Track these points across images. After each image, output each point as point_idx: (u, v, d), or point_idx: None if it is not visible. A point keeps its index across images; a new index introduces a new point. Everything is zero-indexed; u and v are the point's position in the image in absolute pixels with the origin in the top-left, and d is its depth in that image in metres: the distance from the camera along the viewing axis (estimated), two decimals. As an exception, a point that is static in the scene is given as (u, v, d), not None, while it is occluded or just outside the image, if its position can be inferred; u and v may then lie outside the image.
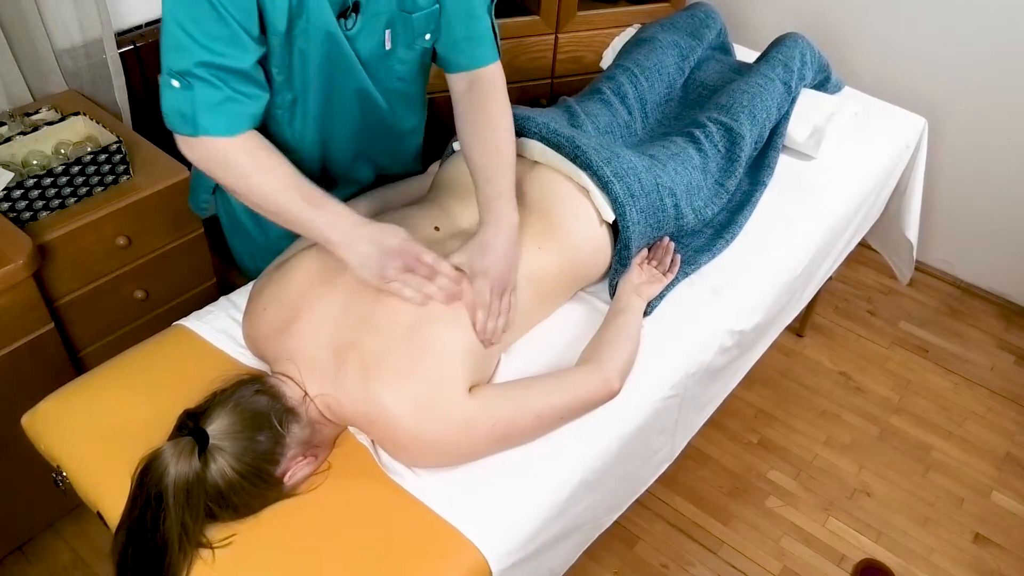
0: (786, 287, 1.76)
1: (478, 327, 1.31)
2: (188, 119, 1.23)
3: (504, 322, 1.35)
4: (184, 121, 1.23)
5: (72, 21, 1.92)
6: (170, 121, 1.25)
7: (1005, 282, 2.81)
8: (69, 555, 1.94)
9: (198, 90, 1.21)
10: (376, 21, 1.38)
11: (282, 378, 1.25)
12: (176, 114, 1.24)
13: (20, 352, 1.64)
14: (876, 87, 2.38)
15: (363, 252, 1.25)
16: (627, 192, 1.52)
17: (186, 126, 1.24)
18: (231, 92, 1.24)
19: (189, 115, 1.22)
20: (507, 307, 1.36)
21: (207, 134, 1.24)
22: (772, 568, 2.03)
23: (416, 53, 1.49)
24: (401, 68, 1.49)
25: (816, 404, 2.45)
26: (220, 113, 1.23)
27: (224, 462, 1.10)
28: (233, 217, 1.69)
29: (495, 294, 1.33)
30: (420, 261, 1.27)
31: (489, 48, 1.48)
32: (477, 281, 1.31)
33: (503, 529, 1.21)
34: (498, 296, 1.33)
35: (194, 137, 1.24)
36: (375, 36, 1.40)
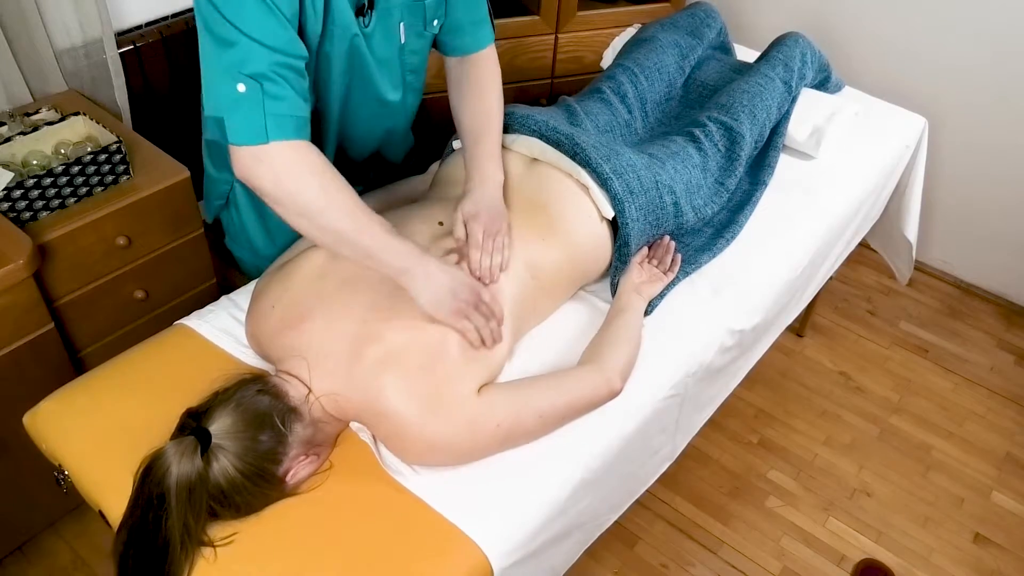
0: (786, 287, 1.76)
1: (472, 265, 1.36)
2: (257, 126, 1.17)
3: (499, 260, 1.39)
4: (253, 129, 1.17)
5: (72, 21, 1.92)
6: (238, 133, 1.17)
7: (1005, 282, 2.81)
8: (69, 555, 1.94)
9: (268, 90, 1.16)
10: (389, 15, 1.39)
11: (286, 377, 1.25)
12: (244, 122, 1.17)
13: (20, 352, 1.63)
14: (876, 87, 2.38)
15: (441, 284, 1.26)
16: (626, 189, 1.52)
17: (255, 134, 1.17)
18: (294, 94, 1.19)
19: (258, 121, 1.16)
20: (500, 246, 1.40)
21: (278, 139, 1.18)
22: (772, 568, 2.03)
23: (426, 41, 1.52)
24: (413, 59, 1.52)
25: (816, 404, 2.45)
26: (289, 117, 1.19)
27: (226, 462, 1.11)
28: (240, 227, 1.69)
29: (487, 235, 1.38)
30: (481, 299, 1.30)
31: (487, 31, 1.54)
32: (470, 224, 1.38)
33: (504, 528, 1.21)
34: (491, 236, 1.39)
35: (264, 146, 1.17)
36: (390, 31, 1.42)
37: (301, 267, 1.36)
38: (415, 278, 1.25)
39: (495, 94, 1.54)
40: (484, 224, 1.38)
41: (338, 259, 1.36)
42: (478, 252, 1.36)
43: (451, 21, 1.49)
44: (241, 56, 1.15)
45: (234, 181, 1.63)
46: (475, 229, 1.38)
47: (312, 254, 1.38)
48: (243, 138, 1.18)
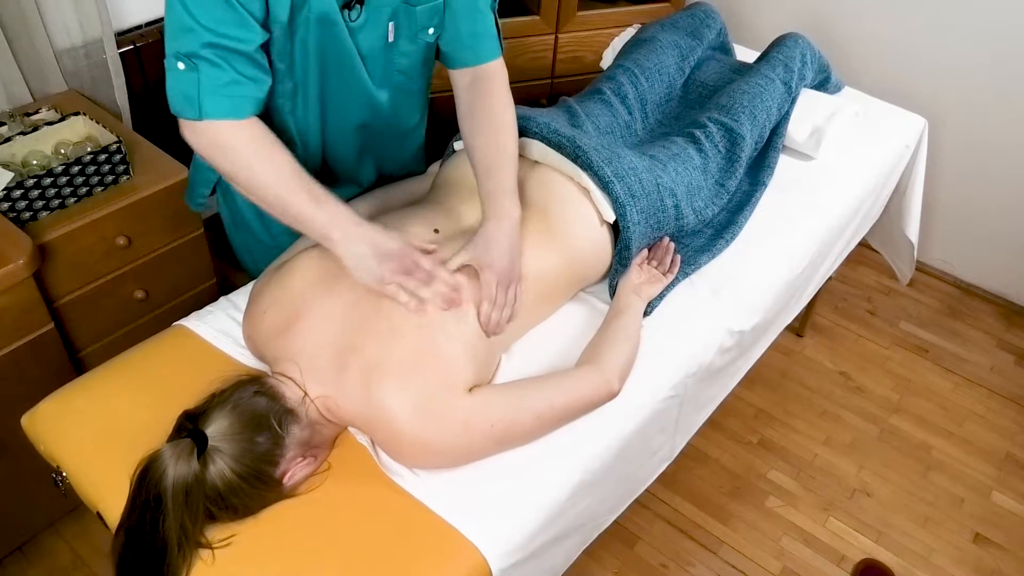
0: (786, 287, 1.76)
1: (483, 319, 1.32)
2: (193, 102, 1.22)
3: (509, 314, 1.36)
4: (189, 104, 1.23)
5: (72, 21, 1.92)
6: (175, 105, 1.25)
7: (1005, 282, 2.81)
8: (69, 555, 1.94)
9: (203, 72, 1.21)
10: (379, 13, 1.38)
11: (282, 379, 1.25)
12: (181, 97, 1.23)
13: (20, 352, 1.63)
14: (876, 87, 2.38)
15: (361, 253, 1.25)
16: (628, 192, 1.52)
17: (191, 109, 1.23)
18: (236, 75, 1.23)
19: (194, 97, 1.22)
20: (512, 299, 1.37)
21: (211, 117, 1.23)
22: (772, 568, 2.03)
23: (419, 47, 1.49)
24: (403, 61, 1.49)
25: (816, 404, 2.45)
26: (225, 95, 1.23)
27: (223, 464, 1.11)
28: (236, 214, 1.69)
29: (501, 287, 1.34)
30: (418, 266, 1.27)
31: (492, 44, 1.49)
32: (483, 274, 1.33)
33: (503, 529, 1.21)
34: (504, 289, 1.35)
35: (199, 121, 1.23)
36: (378, 28, 1.40)
37: (295, 270, 1.36)
38: (337, 244, 1.26)
39: (507, 120, 1.48)
40: (498, 273, 1.33)
41: (331, 260, 1.33)
42: (489, 306, 1.33)
43: (453, 33, 1.46)
44: (182, 35, 1.20)
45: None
46: (489, 281, 1.33)
47: (308, 255, 1.37)
48: (179, 111, 1.25)
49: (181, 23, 1.20)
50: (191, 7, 1.18)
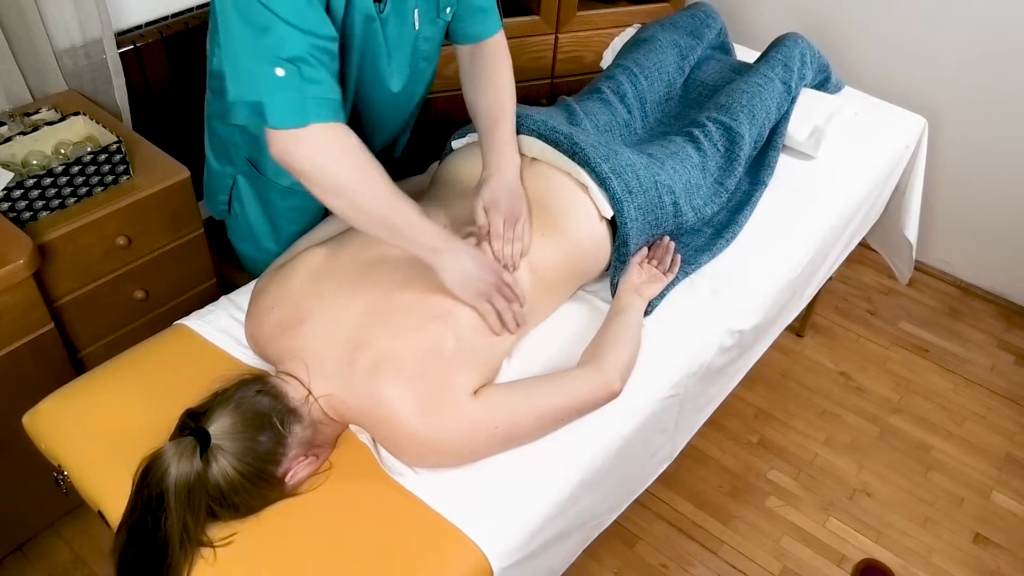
0: (786, 287, 1.76)
1: (496, 254, 1.40)
2: (298, 109, 1.18)
3: (519, 248, 1.43)
4: (293, 112, 1.18)
5: (72, 21, 1.92)
6: (277, 117, 1.18)
7: (1005, 282, 2.81)
8: (69, 555, 1.94)
9: (307, 75, 1.17)
10: (405, 1, 1.40)
11: (285, 378, 1.25)
12: (285, 106, 1.18)
13: (20, 352, 1.63)
14: (876, 87, 2.38)
15: (466, 267, 1.29)
16: (625, 189, 1.52)
17: (295, 117, 1.18)
18: (328, 75, 1.21)
19: (298, 104, 1.18)
20: (520, 234, 1.43)
21: (318, 121, 1.19)
22: (772, 568, 2.03)
23: (439, 28, 1.53)
24: (426, 46, 1.53)
25: (816, 404, 2.45)
26: (326, 98, 1.20)
27: (225, 462, 1.11)
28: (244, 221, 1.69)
29: (508, 223, 1.41)
30: (504, 282, 1.34)
31: (495, 19, 1.56)
32: (490, 213, 1.41)
33: (504, 528, 1.21)
34: (511, 225, 1.42)
35: (303, 128, 1.19)
36: (405, 17, 1.43)
37: (300, 268, 1.36)
38: (444, 259, 1.28)
39: (507, 80, 1.57)
40: (504, 212, 1.42)
41: (337, 260, 1.36)
42: (499, 242, 1.41)
43: (463, 9, 1.51)
44: (278, 40, 1.16)
45: (237, 174, 1.63)
46: (495, 219, 1.41)
47: (311, 254, 1.38)
48: (284, 122, 1.19)
49: (272, 29, 1.15)
50: (280, 10, 1.15)
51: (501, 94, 1.55)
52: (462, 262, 1.29)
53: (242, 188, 1.65)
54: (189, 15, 2.17)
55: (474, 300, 1.31)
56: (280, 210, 1.64)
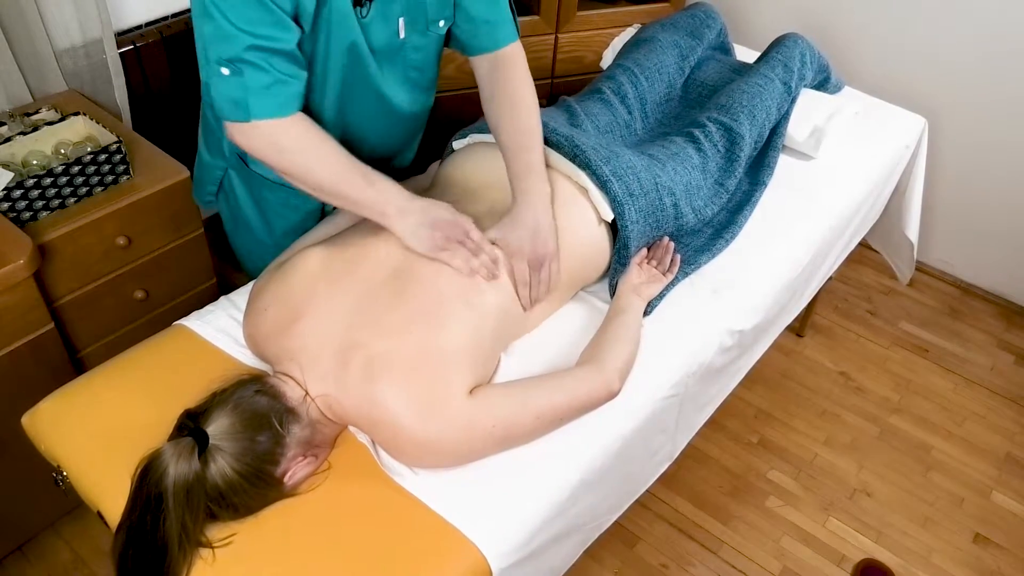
0: (786, 287, 1.76)
1: (522, 300, 1.42)
2: (240, 105, 1.25)
3: (545, 291, 1.44)
4: (237, 108, 1.26)
5: (72, 21, 1.92)
6: (222, 110, 1.27)
7: (1005, 282, 2.81)
8: (69, 555, 1.94)
9: (248, 75, 1.23)
10: (390, 8, 1.39)
11: (283, 378, 1.25)
12: (228, 102, 1.26)
13: (20, 352, 1.63)
14: (876, 87, 2.38)
15: (416, 223, 1.33)
16: (626, 191, 1.52)
17: (239, 112, 1.26)
18: (278, 74, 1.26)
19: (241, 101, 1.25)
20: (547, 277, 1.43)
21: (259, 117, 1.26)
22: (772, 568, 2.03)
23: (430, 40, 1.50)
24: (416, 56, 1.51)
25: (816, 404, 2.45)
26: (270, 95, 1.26)
27: (224, 462, 1.10)
28: (237, 214, 1.69)
29: (533, 268, 1.41)
30: (468, 236, 1.36)
31: (509, 28, 1.51)
32: (514, 259, 1.40)
33: (503, 529, 1.21)
34: (536, 269, 1.42)
35: (247, 123, 1.27)
36: (389, 24, 1.41)
37: (296, 267, 1.36)
38: (392, 219, 1.34)
39: (529, 100, 1.51)
40: (528, 256, 1.40)
41: (332, 259, 1.35)
42: (526, 290, 1.42)
43: (468, 21, 1.48)
44: (222, 39, 1.22)
45: (228, 167, 1.63)
46: (520, 266, 1.40)
47: (308, 254, 1.37)
48: (227, 115, 1.28)
49: (220, 30, 1.22)
50: (228, 13, 1.20)
51: (525, 117, 1.49)
52: (411, 218, 1.34)
53: (234, 181, 1.65)
54: (189, 15, 2.17)
55: (431, 252, 1.34)
56: (271, 204, 1.64)
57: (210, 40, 1.24)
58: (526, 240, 1.40)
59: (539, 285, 1.43)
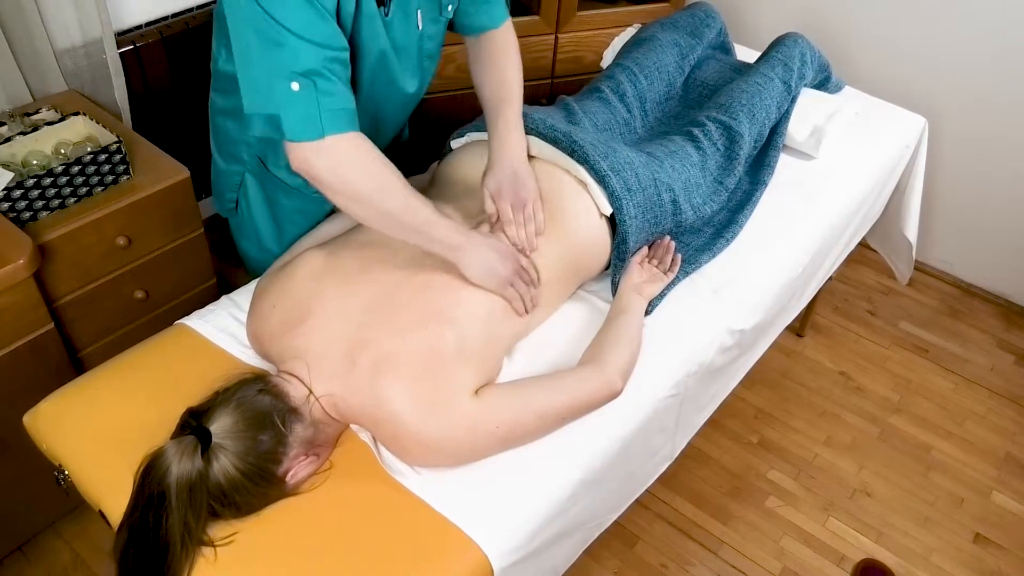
0: (786, 287, 1.76)
1: (511, 240, 1.44)
2: (315, 121, 1.20)
3: (532, 229, 1.46)
4: (310, 125, 1.20)
5: (72, 21, 1.92)
6: (294, 130, 1.20)
7: (1005, 282, 2.81)
8: (69, 555, 1.94)
9: (321, 88, 1.19)
10: (408, 3, 1.41)
11: (287, 377, 1.26)
12: (301, 120, 1.20)
13: (20, 352, 1.63)
14: (876, 87, 2.38)
15: (488, 258, 1.34)
16: (624, 186, 1.53)
17: (312, 130, 1.20)
18: (342, 85, 1.23)
19: (315, 116, 1.20)
20: (531, 215, 1.46)
21: (334, 132, 1.21)
22: (772, 568, 2.03)
23: (441, 26, 1.54)
24: (430, 45, 1.54)
25: (816, 404, 2.45)
26: (340, 109, 1.22)
27: (227, 461, 1.11)
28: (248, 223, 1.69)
29: (516, 207, 1.45)
30: (521, 267, 1.39)
31: (501, 9, 1.57)
32: (497, 202, 1.44)
33: (504, 528, 1.21)
34: (520, 208, 1.45)
35: (320, 140, 1.21)
36: (409, 19, 1.43)
37: (301, 268, 1.36)
38: (465, 253, 1.33)
39: (513, 64, 1.57)
40: (510, 198, 1.44)
41: (338, 259, 1.36)
42: (511, 227, 1.44)
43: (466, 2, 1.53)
44: (292, 55, 1.18)
45: (245, 172, 1.64)
46: (503, 207, 1.45)
47: (312, 254, 1.38)
48: (301, 135, 1.21)
49: (285, 44, 1.17)
50: (294, 27, 1.16)
51: (506, 77, 1.55)
52: (482, 254, 1.34)
53: (249, 186, 1.65)
54: (189, 15, 2.17)
55: (499, 289, 1.36)
56: (286, 211, 1.64)
57: (276, 59, 1.18)
58: (506, 185, 1.46)
59: (526, 224, 1.45)
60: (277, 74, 1.19)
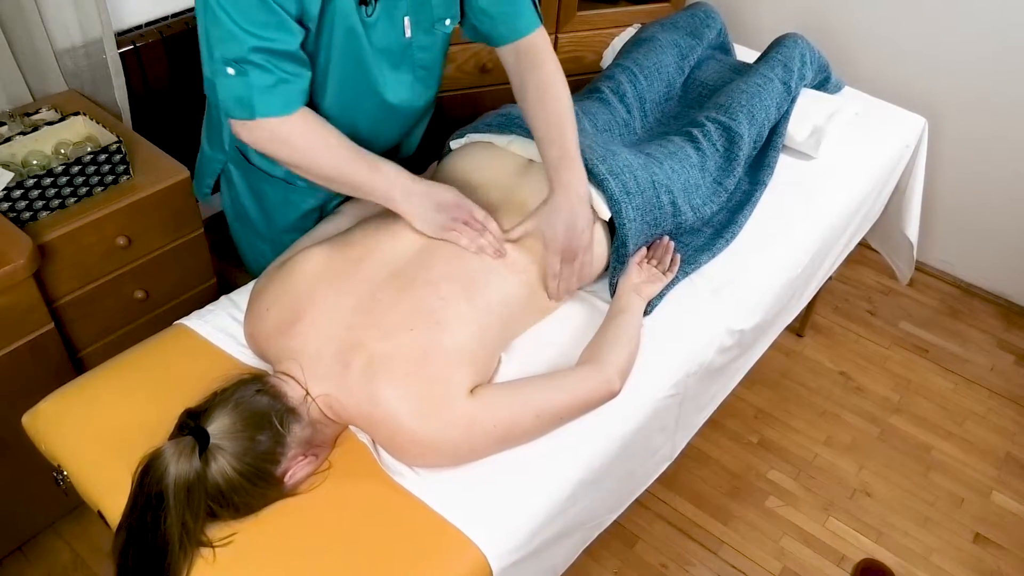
0: (786, 287, 1.76)
1: (551, 293, 1.47)
2: (245, 104, 1.27)
3: (576, 284, 1.48)
4: (241, 106, 1.28)
5: (72, 21, 1.92)
6: (228, 108, 1.30)
7: (1005, 282, 2.81)
8: (69, 555, 1.94)
9: (252, 75, 1.25)
10: (394, 7, 1.39)
11: (284, 377, 1.25)
12: (233, 100, 1.28)
13: (20, 352, 1.63)
14: (876, 87, 2.38)
15: (422, 204, 1.38)
16: (623, 189, 1.52)
17: (244, 111, 1.28)
18: (282, 74, 1.28)
19: (246, 100, 1.27)
20: (578, 269, 1.47)
21: (264, 116, 1.29)
22: (772, 568, 2.03)
23: (437, 39, 1.51)
24: (423, 56, 1.51)
25: (816, 404, 2.45)
26: (274, 95, 1.28)
27: (225, 461, 1.11)
28: (239, 207, 1.69)
29: (565, 261, 1.44)
30: (472, 216, 1.40)
31: (529, 17, 1.51)
32: (548, 250, 1.44)
33: (503, 528, 1.21)
34: (569, 262, 1.45)
35: (252, 120, 1.29)
36: (395, 24, 1.42)
37: (297, 267, 1.36)
38: (399, 203, 1.39)
39: (558, 89, 1.50)
40: (560, 249, 1.43)
41: (333, 259, 1.36)
42: (556, 282, 1.46)
43: (486, 14, 1.48)
44: (228, 39, 1.24)
45: (227, 161, 1.64)
46: (552, 260, 1.45)
47: (309, 254, 1.38)
48: (233, 113, 1.30)
49: (225, 31, 1.23)
50: (234, 15, 1.22)
51: (554, 107, 1.48)
52: (417, 202, 1.39)
53: (234, 175, 1.65)
54: (189, 15, 2.17)
55: (439, 233, 1.40)
56: (271, 200, 1.64)
57: (215, 40, 1.25)
58: (560, 232, 1.42)
59: (570, 277, 1.46)
60: (216, 55, 1.26)
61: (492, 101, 2.45)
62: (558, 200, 1.43)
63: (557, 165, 1.45)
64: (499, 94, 2.43)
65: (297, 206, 1.63)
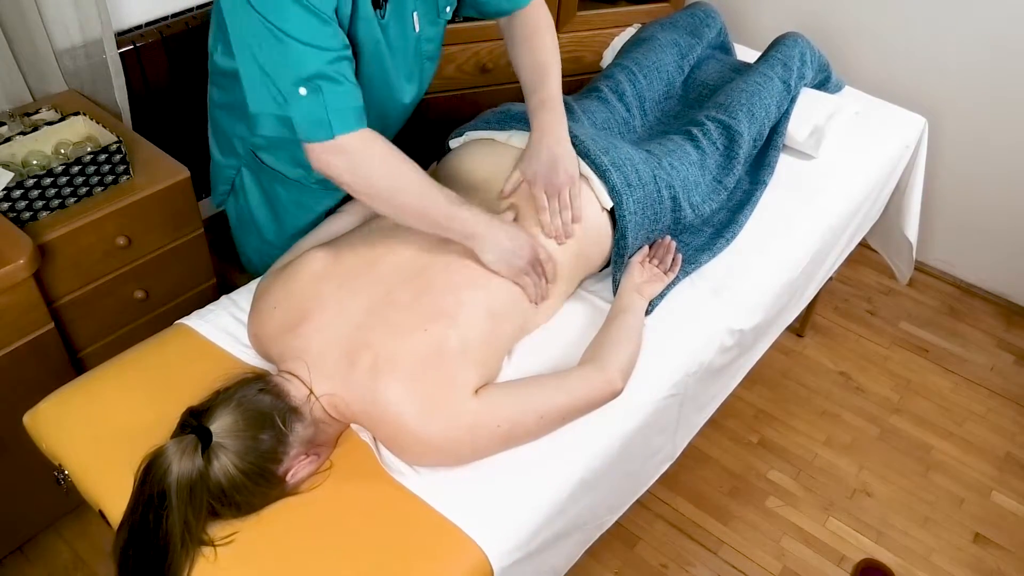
0: (786, 287, 1.76)
1: (546, 229, 1.47)
2: (324, 124, 1.23)
3: (568, 216, 1.48)
4: (320, 126, 1.23)
5: (72, 21, 1.92)
6: (306, 132, 1.25)
7: (1005, 282, 2.81)
8: (69, 555, 1.94)
9: (327, 91, 1.22)
10: (403, 5, 1.41)
11: (287, 376, 1.26)
12: (311, 123, 1.24)
13: (20, 352, 1.63)
14: (876, 87, 2.38)
15: (505, 247, 1.36)
16: (624, 182, 1.53)
17: (322, 131, 1.24)
18: (349, 84, 1.25)
19: (324, 119, 1.23)
20: (566, 202, 1.47)
21: (342, 132, 1.24)
22: (772, 568, 2.03)
23: (440, 27, 1.54)
24: (429, 47, 1.53)
25: (816, 404, 2.45)
26: (348, 107, 1.25)
27: (227, 460, 1.11)
28: (246, 215, 1.70)
29: (551, 195, 1.46)
30: (538, 259, 1.40)
31: None
32: (532, 188, 1.45)
33: (504, 527, 1.21)
34: (555, 195, 1.46)
35: (331, 140, 1.24)
36: (405, 21, 1.43)
37: (303, 268, 1.36)
38: (482, 242, 1.35)
39: (548, 41, 1.55)
40: (543, 184, 1.45)
41: (339, 259, 1.36)
42: (545, 214, 1.46)
43: None
44: (297, 61, 1.20)
45: (241, 166, 1.64)
46: (536, 193, 1.47)
47: (315, 254, 1.38)
48: (312, 136, 1.25)
49: (294, 53, 1.20)
50: (298, 35, 1.19)
51: (540, 58, 1.53)
52: (499, 243, 1.35)
53: (246, 179, 1.65)
54: (189, 15, 2.17)
55: (513, 277, 1.38)
56: (283, 203, 1.65)
57: (281, 67, 1.21)
58: (540, 168, 1.46)
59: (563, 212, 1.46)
60: (283, 80, 1.22)
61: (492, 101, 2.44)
62: (537, 142, 1.48)
63: (537, 110, 1.50)
64: (499, 94, 2.43)
65: (311, 208, 1.63)
